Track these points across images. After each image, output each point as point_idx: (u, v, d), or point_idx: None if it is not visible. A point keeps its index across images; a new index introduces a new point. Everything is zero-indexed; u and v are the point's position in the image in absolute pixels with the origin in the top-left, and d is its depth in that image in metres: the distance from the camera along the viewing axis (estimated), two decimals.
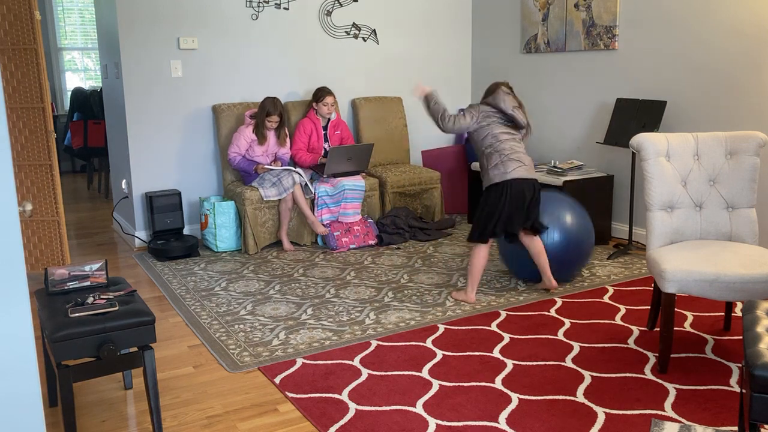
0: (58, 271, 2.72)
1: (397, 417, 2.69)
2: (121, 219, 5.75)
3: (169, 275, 4.56)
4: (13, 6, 4.21)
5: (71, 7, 9.00)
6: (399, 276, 4.42)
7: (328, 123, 5.38)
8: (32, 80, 4.31)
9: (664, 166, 3.29)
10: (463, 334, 3.50)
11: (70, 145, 7.62)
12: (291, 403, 2.84)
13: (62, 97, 9.08)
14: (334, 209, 5.16)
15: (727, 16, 4.35)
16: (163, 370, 3.18)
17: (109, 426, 2.71)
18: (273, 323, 3.68)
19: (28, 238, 4.50)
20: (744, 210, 3.25)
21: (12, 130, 4.34)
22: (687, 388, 2.87)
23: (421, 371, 3.08)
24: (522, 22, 5.89)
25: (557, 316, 3.71)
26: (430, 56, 6.32)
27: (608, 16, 5.10)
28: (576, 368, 3.08)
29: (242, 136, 5.05)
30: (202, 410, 2.81)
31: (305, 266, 4.67)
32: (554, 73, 5.66)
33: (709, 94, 4.52)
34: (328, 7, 5.76)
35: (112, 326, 2.42)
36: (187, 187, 5.40)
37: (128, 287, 2.76)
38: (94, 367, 2.44)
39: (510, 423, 2.63)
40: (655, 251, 3.15)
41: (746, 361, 2.01)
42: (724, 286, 2.89)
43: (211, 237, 5.07)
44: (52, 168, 4.42)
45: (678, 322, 3.59)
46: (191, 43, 5.23)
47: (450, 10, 6.37)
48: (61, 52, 9.03)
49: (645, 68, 4.91)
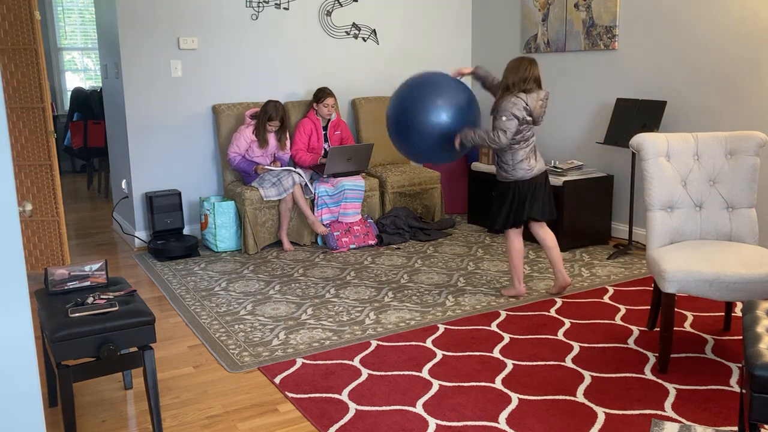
0: (58, 271, 2.72)
1: (397, 417, 2.69)
2: (121, 219, 5.75)
3: (169, 275, 4.56)
4: (13, 6, 4.21)
5: (71, 7, 9.00)
6: (399, 276, 4.42)
7: (328, 123, 5.38)
8: (32, 80, 4.31)
9: (664, 166, 3.29)
10: (463, 334, 3.50)
11: (70, 145, 7.62)
12: (291, 403, 2.84)
13: (62, 97, 9.08)
14: (334, 209, 5.16)
15: (728, 16, 4.35)
16: (163, 370, 3.18)
17: (109, 426, 2.71)
18: (273, 323, 3.68)
19: (28, 238, 4.50)
20: (744, 210, 3.25)
21: (12, 130, 4.34)
22: (687, 388, 2.87)
23: (421, 371, 3.08)
24: (522, 22, 5.89)
25: (557, 316, 3.71)
26: (430, 56, 6.32)
27: (608, 16, 5.10)
28: (576, 368, 3.08)
29: (242, 137, 5.05)
30: (202, 410, 2.81)
31: (305, 266, 4.67)
32: (554, 73, 5.66)
33: (709, 94, 4.52)
34: (328, 7, 5.76)
35: (112, 326, 2.42)
36: (187, 187, 5.40)
37: (128, 287, 2.76)
38: (94, 367, 2.44)
39: (510, 423, 2.63)
40: (655, 251, 3.15)
41: (746, 361, 2.01)
42: (724, 286, 2.89)
43: (211, 237, 5.07)
44: (52, 168, 4.42)
45: (678, 322, 3.59)
46: (191, 43, 5.23)
47: (450, 10, 6.37)
48: (61, 52, 9.03)
49: (645, 68, 4.91)
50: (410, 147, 3.81)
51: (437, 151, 3.79)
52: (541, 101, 3.70)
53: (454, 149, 3.77)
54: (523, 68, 3.65)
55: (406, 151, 3.90)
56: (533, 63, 3.67)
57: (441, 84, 3.76)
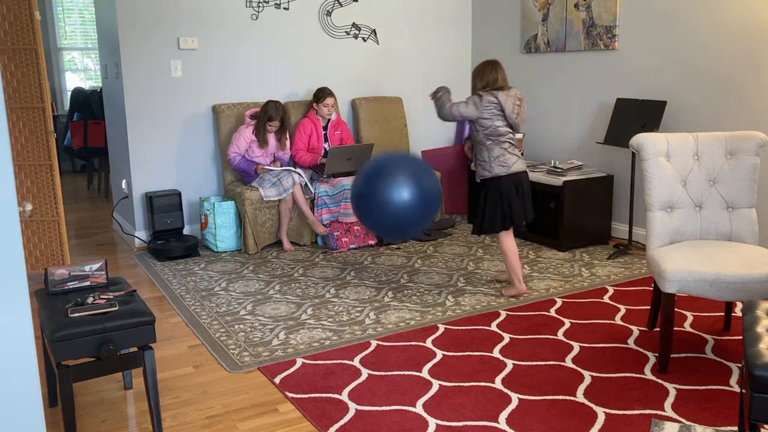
0: (58, 271, 2.72)
1: (397, 417, 2.69)
2: (121, 219, 5.75)
3: (169, 275, 4.56)
4: (13, 6, 4.21)
5: (71, 7, 9.00)
6: (399, 276, 4.42)
7: (328, 123, 5.38)
8: (32, 80, 4.31)
9: (664, 166, 3.29)
10: (463, 334, 3.50)
11: (70, 145, 7.62)
12: (291, 403, 2.84)
13: (62, 97, 9.08)
14: (334, 209, 5.15)
15: (728, 16, 4.35)
16: (163, 370, 3.18)
17: (109, 426, 2.71)
18: (273, 323, 3.68)
19: (28, 238, 4.50)
20: (744, 210, 3.25)
21: (12, 130, 4.34)
22: (687, 388, 2.87)
23: (421, 371, 3.08)
24: (522, 22, 5.89)
25: (557, 316, 3.71)
26: (430, 56, 6.32)
27: (608, 16, 5.10)
28: (576, 368, 3.08)
29: (242, 137, 5.05)
30: (202, 410, 2.81)
31: (305, 266, 4.67)
32: (554, 73, 5.66)
33: (709, 94, 4.52)
34: (328, 7, 5.76)
35: (112, 326, 2.42)
36: (187, 187, 5.40)
37: (128, 287, 2.76)
38: (94, 367, 2.44)
39: (510, 423, 2.63)
40: (655, 251, 3.15)
41: (746, 361, 2.01)
42: (724, 286, 2.89)
43: (211, 237, 5.07)
44: (52, 168, 4.42)
45: (678, 322, 3.59)
46: (191, 43, 5.23)
47: (450, 10, 6.37)
48: (61, 52, 9.03)
49: (645, 68, 4.91)
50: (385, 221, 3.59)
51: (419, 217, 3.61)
52: (512, 98, 3.84)
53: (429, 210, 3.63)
54: (488, 72, 3.88)
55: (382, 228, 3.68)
56: (497, 65, 3.88)
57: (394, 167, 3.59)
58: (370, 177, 3.59)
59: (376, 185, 3.54)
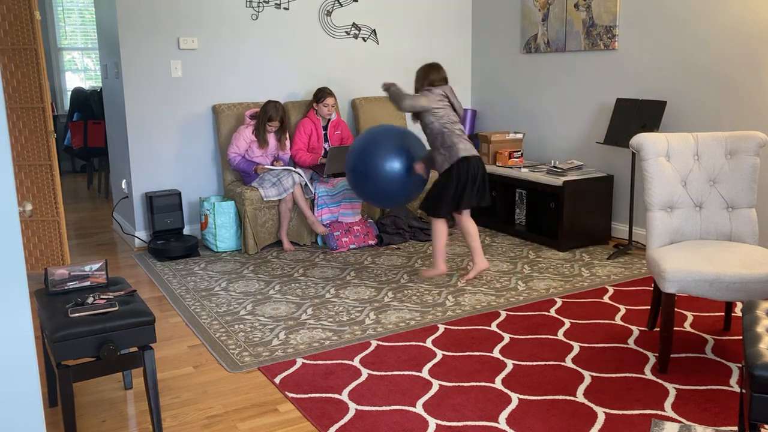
0: (58, 271, 2.72)
1: (397, 417, 2.69)
2: (121, 219, 5.75)
3: (169, 275, 4.56)
4: (13, 6, 4.21)
5: (71, 7, 9.00)
6: (399, 276, 4.42)
7: (328, 123, 5.38)
8: (32, 80, 4.31)
9: (664, 166, 3.29)
10: (463, 334, 3.50)
11: (70, 145, 7.62)
12: (291, 403, 2.84)
13: (62, 97, 9.09)
14: (334, 209, 5.16)
15: (728, 16, 4.35)
16: (163, 370, 3.18)
17: (109, 426, 2.71)
18: (273, 323, 3.68)
19: (28, 238, 4.50)
20: (744, 210, 3.25)
21: (12, 130, 4.34)
22: (687, 388, 2.87)
23: (421, 371, 3.08)
24: (522, 22, 5.89)
25: (557, 316, 3.71)
26: (430, 56, 6.31)
27: (608, 16, 5.10)
28: (576, 368, 3.08)
29: (242, 137, 5.05)
30: (202, 410, 2.81)
31: (305, 266, 4.67)
32: (554, 73, 5.66)
33: (709, 94, 4.52)
34: (328, 7, 5.77)
35: (112, 326, 2.42)
36: (187, 187, 5.40)
37: (128, 287, 2.76)
38: (94, 367, 2.44)
39: (510, 423, 2.63)
40: (655, 251, 3.15)
41: (746, 361, 2.01)
42: (724, 286, 2.89)
43: (211, 237, 5.07)
44: (52, 168, 4.42)
45: (678, 322, 3.59)
46: (191, 43, 5.24)
47: (450, 10, 6.37)
48: (61, 52, 9.03)
49: (645, 68, 4.91)
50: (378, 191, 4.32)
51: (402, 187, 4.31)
52: (452, 91, 4.25)
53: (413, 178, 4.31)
54: (433, 72, 4.24)
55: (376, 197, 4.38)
56: (439, 67, 4.25)
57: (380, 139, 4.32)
58: (362, 151, 4.31)
59: (369, 158, 4.26)
